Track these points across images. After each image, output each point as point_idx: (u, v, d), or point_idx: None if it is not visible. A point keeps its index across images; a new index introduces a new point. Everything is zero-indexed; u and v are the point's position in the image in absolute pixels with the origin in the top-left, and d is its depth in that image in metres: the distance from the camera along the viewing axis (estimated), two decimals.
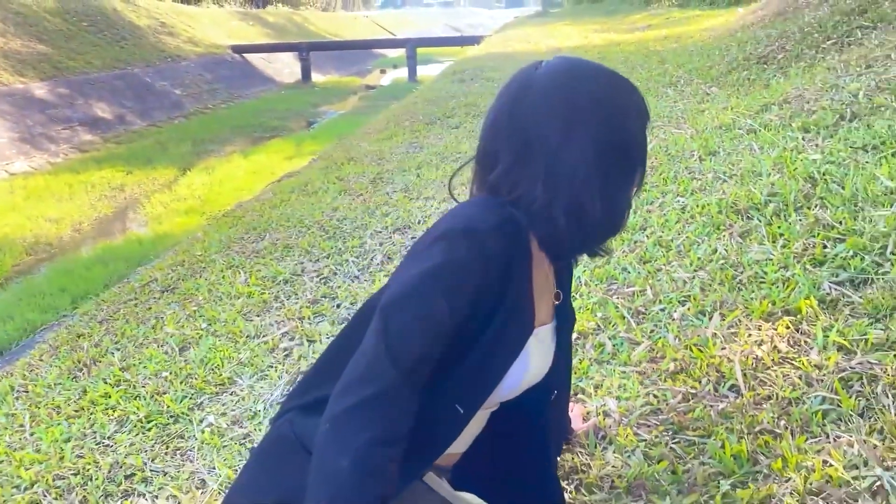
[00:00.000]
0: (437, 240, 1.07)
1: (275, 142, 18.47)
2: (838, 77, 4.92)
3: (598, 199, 1.10)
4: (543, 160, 1.09)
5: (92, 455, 2.02)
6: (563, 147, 1.09)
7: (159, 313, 3.05)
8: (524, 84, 1.16)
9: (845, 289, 2.20)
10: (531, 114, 1.11)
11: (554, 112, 1.10)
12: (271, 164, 14.88)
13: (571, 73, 1.15)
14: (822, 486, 1.43)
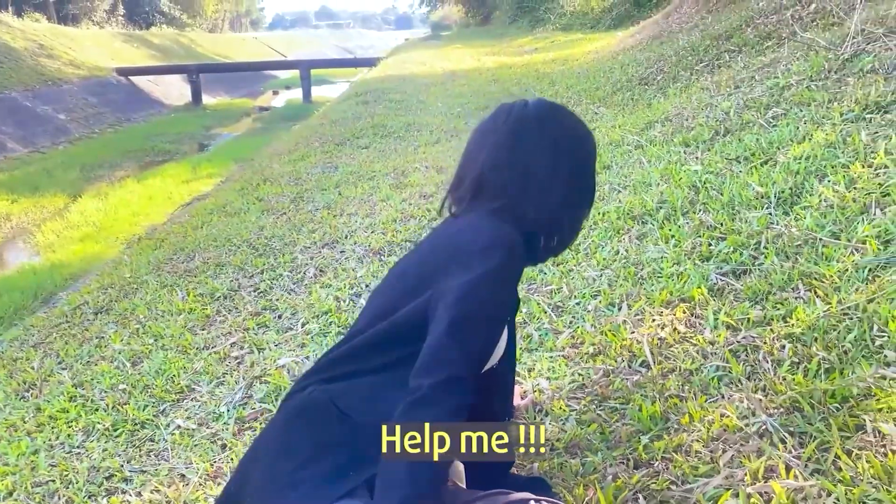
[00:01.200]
0: (486, 250, 1.35)
1: (169, 166, 18.07)
2: (711, 96, 5.49)
3: (569, 219, 1.48)
4: (537, 187, 1.42)
5: (66, 463, 2.13)
6: (551, 178, 1.43)
7: (100, 333, 3.13)
8: (518, 123, 1.45)
9: (729, 279, 2.60)
10: (529, 151, 1.42)
11: (546, 149, 1.43)
12: (168, 189, 14.59)
13: (556, 116, 1.48)
14: (721, 433, 1.77)
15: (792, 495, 1.50)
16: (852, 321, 2.06)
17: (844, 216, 2.75)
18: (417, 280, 1.42)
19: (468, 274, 1.32)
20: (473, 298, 1.31)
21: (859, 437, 1.62)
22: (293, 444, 1.35)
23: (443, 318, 1.29)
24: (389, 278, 1.56)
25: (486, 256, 1.34)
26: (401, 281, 1.48)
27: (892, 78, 4.07)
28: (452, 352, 1.27)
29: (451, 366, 1.26)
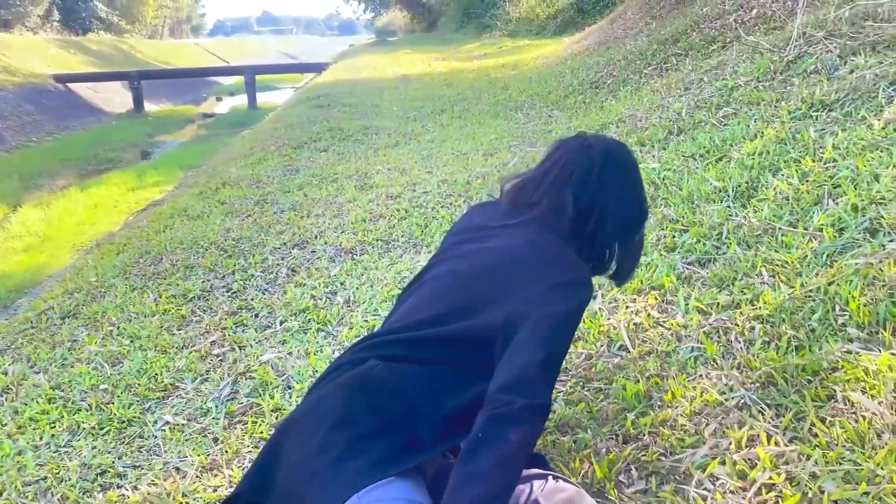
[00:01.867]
0: (574, 288, 1.52)
1: (113, 174, 17.64)
2: (663, 98, 5.68)
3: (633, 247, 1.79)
4: (611, 221, 1.66)
5: (55, 461, 2.12)
6: (619, 210, 1.68)
7: (71, 337, 3.09)
8: (605, 168, 1.67)
9: (695, 267, 2.72)
10: (599, 189, 1.65)
11: (624, 194, 1.70)
12: (114, 197, 14.25)
13: (621, 155, 1.74)
14: (702, 407, 1.87)
15: (774, 460, 1.61)
16: (816, 302, 2.19)
17: (800, 207, 2.91)
18: (496, 288, 1.52)
19: (563, 306, 1.47)
20: (565, 333, 1.48)
21: (831, 406, 1.74)
22: (356, 414, 1.40)
23: (537, 345, 1.39)
24: (460, 278, 1.61)
25: (577, 292, 1.52)
26: (473, 283, 1.56)
27: (834, 78, 4.29)
28: (546, 380, 1.40)
29: (543, 394, 1.37)
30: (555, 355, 1.43)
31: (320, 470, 1.36)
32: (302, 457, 1.41)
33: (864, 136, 3.31)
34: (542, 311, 1.43)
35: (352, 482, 1.32)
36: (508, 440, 1.29)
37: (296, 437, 1.46)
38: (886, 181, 2.80)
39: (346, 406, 1.44)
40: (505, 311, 1.46)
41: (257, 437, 2.12)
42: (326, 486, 1.34)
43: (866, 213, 2.64)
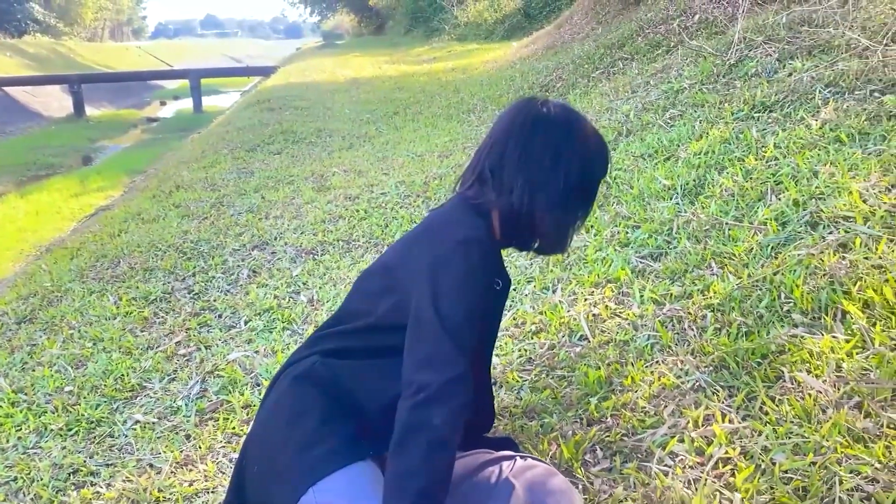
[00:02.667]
0: (457, 247, 1.42)
1: (55, 180, 17.17)
2: (611, 101, 5.84)
3: (552, 220, 1.53)
4: (530, 188, 1.48)
5: (24, 462, 2.11)
6: (550, 175, 1.49)
7: (30, 341, 3.05)
8: (531, 125, 1.51)
9: (648, 261, 2.84)
10: (533, 154, 1.49)
11: (548, 153, 1.49)
12: (56, 203, 13.89)
13: (568, 123, 1.53)
14: (660, 390, 1.97)
15: (729, 436, 1.72)
16: (762, 291, 2.32)
17: (745, 202, 3.06)
18: (405, 270, 1.49)
19: (447, 273, 1.40)
20: (458, 297, 1.39)
21: (780, 386, 1.86)
22: (307, 406, 1.45)
23: (427, 318, 1.37)
24: (379, 264, 1.63)
25: (461, 254, 1.41)
26: (389, 271, 1.55)
27: (773, 81, 4.49)
28: (455, 352, 1.35)
29: (454, 366, 1.34)
30: (456, 324, 1.36)
31: (278, 470, 1.42)
32: (263, 461, 1.46)
33: (802, 136, 3.49)
34: (432, 280, 1.40)
35: (305, 477, 1.37)
36: (433, 424, 1.30)
37: (257, 444, 1.51)
38: (824, 177, 2.97)
39: (295, 403, 1.48)
40: (401, 288, 1.46)
41: (229, 433, 2.15)
42: (287, 481, 1.39)
43: (807, 207, 2.79)
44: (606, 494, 1.62)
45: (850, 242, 2.44)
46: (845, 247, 2.45)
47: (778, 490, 1.52)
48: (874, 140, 3.25)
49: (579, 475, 1.69)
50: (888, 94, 3.67)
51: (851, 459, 1.57)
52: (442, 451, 1.31)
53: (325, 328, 1.61)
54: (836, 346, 1.97)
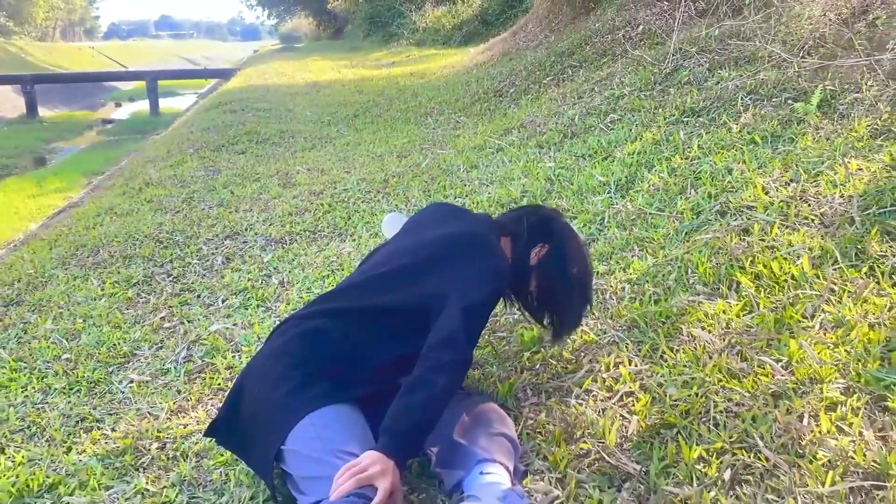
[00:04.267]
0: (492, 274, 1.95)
1: (10, 181, 17.08)
2: (559, 106, 6.27)
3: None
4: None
5: (34, 414, 2.41)
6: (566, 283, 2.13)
7: (21, 320, 3.32)
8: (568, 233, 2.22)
9: None
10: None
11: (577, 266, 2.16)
12: (13, 204, 13.87)
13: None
14: (582, 345, 2.36)
15: (633, 376, 2.11)
16: (673, 267, 2.74)
17: (668, 196, 3.48)
18: (429, 266, 1.96)
19: (484, 289, 1.90)
20: (483, 310, 1.91)
21: (678, 339, 2.27)
22: (308, 357, 1.84)
23: (458, 316, 1.80)
24: (401, 246, 2.08)
25: (495, 280, 1.94)
26: (413, 257, 2.00)
27: (703, 88, 4.96)
28: (467, 340, 1.82)
29: (466, 350, 1.82)
30: (475, 325, 1.88)
31: (280, 398, 1.77)
32: (263, 388, 1.82)
33: (723, 138, 3.94)
34: (470, 292, 1.86)
35: (305, 406, 1.74)
36: (437, 384, 1.72)
37: (257, 375, 1.87)
38: (736, 174, 3.41)
39: (301, 350, 1.87)
40: (441, 288, 1.89)
41: (216, 388, 2.48)
42: (285, 410, 1.75)
43: (718, 199, 3.22)
44: (532, 420, 2.00)
45: (750, 227, 2.87)
46: (746, 231, 2.87)
47: (667, 413, 1.92)
48: (783, 142, 3.70)
49: (512, 408, 2.07)
50: (799, 101, 4.14)
51: (727, 390, 1.98)
52: (436, 406, 1.72)
53: (338, 294, 2.00)
54: (728, 308, 2.38)
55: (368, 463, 1.57)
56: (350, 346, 1.87)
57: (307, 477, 1.65)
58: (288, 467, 1.71)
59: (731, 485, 1.66)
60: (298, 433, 1.69)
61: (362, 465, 1.57)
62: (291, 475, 1.71)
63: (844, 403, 1.84)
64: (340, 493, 1.51)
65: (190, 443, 2.13)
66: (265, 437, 1.75)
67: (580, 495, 1.69)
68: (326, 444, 1.65)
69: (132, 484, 1.95)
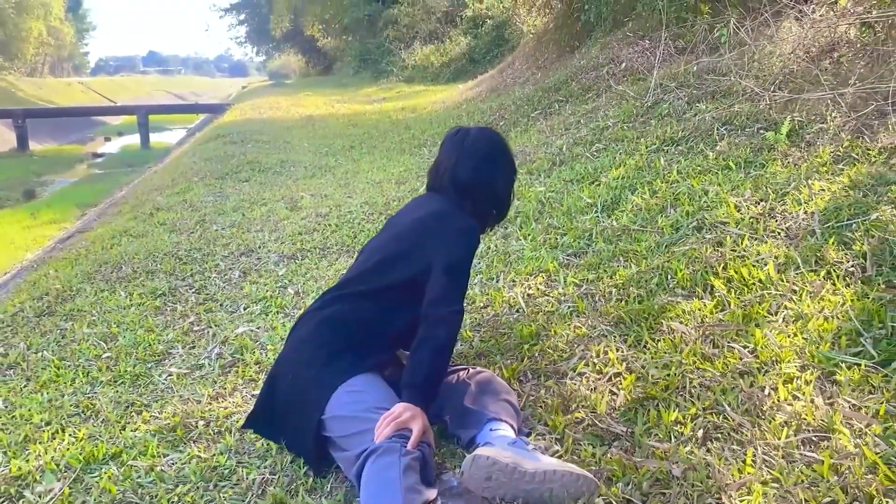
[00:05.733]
0: (461, 233, 2.29)
1: (3, 213, 17.28)
2: (547, 137, 6.65)
3: (507, 206, 2.50)
4: (490, 189, 2.49)
5: (87, 400, 2.68)
6: (495, 181, 2.45)
7: (57, 327, 3.60)
8: (474, 144, 2.48)
9: (572, 258, 3.57)
10: (484, 166, 2.46)
11: (490, 163, 2.50)
12: (8, 234, 14.06)
13: (494, 139, 2.56)
14: (575, 338, 2.68)
15: (620, 360, 2.43)
16: (655, 274, 3.07)
17: (650, 214, 3.83)
18: (412, 245, 2.29)
19: (459, 247, 2.25)
20: (465, 263, 2.26)
21: (658, 331, 2.59)
22: (330, 339, 2.17)
23: (443, 275, 2.15)
24: (387, 236, 2.43)
25: (466, 237, 2.29)
26: (399, 242, 2.34)
27: (682, 120, 5.35)
28: (456, 294, 2.17)
29: (457, 302, 2.16)
30: (461, 279, 2.23)
31: (312, 377, 2.09)
32: (295, 374, 2.13)
33: (700, 164, 4.31)
34: (447, 253, 2.22)
35: (335, 379, 2.05)
36: (439, 336, 2.07)
37: (288, 365, 2.19)
38: (712, 195, 3.76)
39: (322, 336, 2.20)
40: (424, 259, 2.23)
41: (248, 379, 2.77)
42: (319, 384, 2.06)
43: (695, 216, 3.57)
44: (533, 396, 2.31)
45: (723, 240, 3.21)
46: (720, 243, 3.21)
47: (649, 388, 2.24)
48: (755, 167, 4.07)
49: (514, 388, 2.38)
50: (770, 131, 4.52)
51: (700, 370, 2.30)
52: (442, 354, 2.07)
53: (342, 285, 2.31)
54: (703, 307, 2.72)
55: (402, 411, 1.89)
56: (363, 324, 2.20)
57: (350, 434, 1.95)
58: (331, 432, 2.00)
59: (703, 441, 1.97)
60: (335, 401, 2.00)
61: (396, 413, 1.88)
62: (335, 441, 2.01)
63: (800, 378, 2.17)
64: (384, 436, 1.82)
65: (232, 421, 2.42)
66: (304, 413, 2.06)
67: (576, 450, 1.99)
68: (362, 405, 1.96)
69: (185, 452, 2.23)
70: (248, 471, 2.11)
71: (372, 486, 1.75)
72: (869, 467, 1.75)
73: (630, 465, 1.88)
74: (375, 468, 1.78)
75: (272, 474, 2.09)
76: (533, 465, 1.75)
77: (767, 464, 1.84)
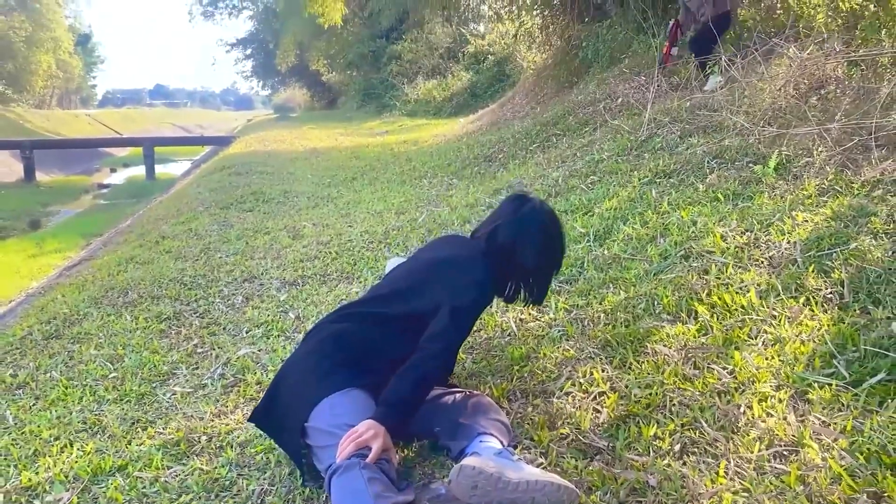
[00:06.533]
0: (474, 285, 2.41)
1: (10, 242, 17.48)
2: (544, 169, 6.81)
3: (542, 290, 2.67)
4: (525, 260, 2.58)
5: (95, 417, 2.79)
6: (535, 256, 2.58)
7: (64, 349, 3.71)
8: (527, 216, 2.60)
9: (564, 284, 3.70)
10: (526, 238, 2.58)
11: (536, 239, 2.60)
12: (14, 263, 14.23)
13: (552, 220, 2.66)
14: (564, 359, 2.79)
15: (605, 380, 2.54)
16: (642, 300, 3.19)
17: (640, 244, 3.96)
18: (425, 283, 2.45)
19: (468, 297, 2.37)
20: (469, 314, 2.38)
21: (643, 353, 2.71)
22: (333, 352, 2.30)
23: (447, 316, 2.28)
24: (409, 267, 2.60)
25: (478, 290, 2.41)
26: (415, 276, 2.51)
27: (674, 153, 5.51)
28: (455, 337, 2.33)
29: (453, 344, 2.32)
30: (463, 325, 2.36)
31: (310, 383, 2.22)
32: (297, 378, 2.26)
33: (690, 196, 4.45)
34: (457, 298, 2.35)
35: (324, 391, 2.18)
36: (427, 368, 2.20)
37: (294, 368, 2.31)
38: (700, 225, 3.89)
39: (329, 347, 2.33)
40: (434, 299, 2.36)
41: (249, 398, 2.88)
42: (312, 393, 2.19)
43: (683, 245, 3.70)
44: (521, 414, 2.42)
45: (709, 268, 3.33)
46: (706, 271, 3.33)
47: (631, 406, 2.35)
48: (743, 199, 4.21)
49: (504, 406, 2.49)
50: (758, 164, 4.67)
51: (681, 390, 2.41)
52: (424, 384, 2.20)
53: (357, 304, 2.46)
54: (686, 331, 2.83)
55: (364, 430, 2.01)
56: (369, 343, 2.34)
57: (322, 447, 2.08)
58: (310, 440, 2.12)
59: (680, 454, 2.08)
60: (317, 412, 2.14)
61: (359, 431, 2.01)
62: (313, 448, 2.12)
63: (774, 396, 2.28)
64: (343, 455, 1.95)
65: (233, 437, 2.53)
66: (295, 418, 2.17)
67: (560, 463, 2.10)
68: (337, 419, 2.08)
69: (188, 465, 2.34)
70: (247, 482, 2.22)
71: (342, 500, 1.88)
72: (834, 478, 1.85)
73: (609, 476, 1.98)
74: (340, 483, 1.91)
75: (271, 485, 2.20)
76: (517, 475, 1.86)
77: (739, 475, 1.94)
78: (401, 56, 25.07)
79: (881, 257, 2.98)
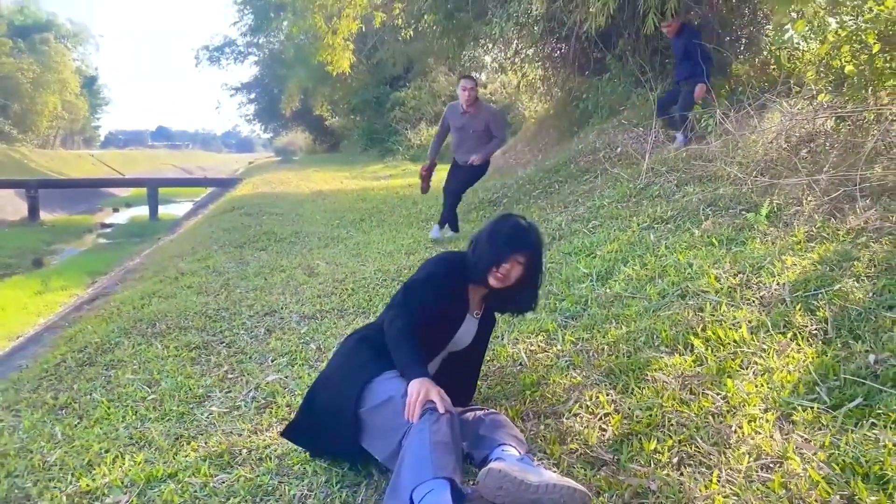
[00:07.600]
0: (431, 261, 2.82)
1: (16, 279, 17.68)
2: (548, 214, 7.12)
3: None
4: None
5: (139, 433, 3.04)
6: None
7: (101, 375, 3.95)
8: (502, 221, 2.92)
9: (569, 320, 3.97)
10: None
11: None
12: (20, 300, 14.40)
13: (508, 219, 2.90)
14: (571, 385, 3.06)
15: (610, 404, 2.80)
16: (643, 334, 3.46)
17: (639, 284, 4.24)
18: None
19: (416, 275, 2.81)
20: (411, 284, 2.76)
21: (644, 380, 2.97)
22: (363, 350, 2.61)
23: (402, 293, 2.73)
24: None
25: (430, 263, 2.83)
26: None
27: (671, 200, 5.82)
28: (400, 304, 2.69)
29: (402, 308, 2.64)
30: (409, 297, 2.69)
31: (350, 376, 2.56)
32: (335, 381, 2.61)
33: (686, 240, 4.75)
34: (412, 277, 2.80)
35: (368, 374, 2.52)
36: (392, 330, 2.55)
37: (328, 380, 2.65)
38: (696, 267, 4.18)
39: (359, 348, 2.69)
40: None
41: (281, 418, 3.13)
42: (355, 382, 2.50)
43: (680, 285, 3.98)
44: (534, 432, 2.68)
45: (703, 306, 3.61)
46: (701, 309, 3.61)
47: (634, 425, 2.61)
48: (736, 244, 4.50)
49: (518, 425, 2.75)
50: (751, 212, 4.98)
51: (678, 412, 2.67)
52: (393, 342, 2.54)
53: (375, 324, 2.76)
54: (683, 361, 3.10)
55: (415, 389, 2.33)
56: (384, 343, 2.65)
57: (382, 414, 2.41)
58: (367, 422, 2.45)
59: (678, 466, 2.34)
60: (367, 392, 2.47)
61: (412, 395, 2.32)
62: (368, 428, 2.44)
63: (762, 417, 2.54)
64: (417, 416, 2.26)
65: (271, 450, 2.78)
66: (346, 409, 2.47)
67: (570, 472, 2.35)
68: (386, 393, 2.43)
69: (233, 473, 2.59)
70: (289, 488, 2.47)
71: (407, 450, 2.20)
72: (812, 485, 2.11)
73: (615, 482, 2.24)
74: (409, 441, 2.22)
75: (309, 491, 2.45)
76: (537, 479, 2.11)
77: (730, 482, 2.20)
78: (404, 102, 25.65)
79: (862, 297, 3.26)
